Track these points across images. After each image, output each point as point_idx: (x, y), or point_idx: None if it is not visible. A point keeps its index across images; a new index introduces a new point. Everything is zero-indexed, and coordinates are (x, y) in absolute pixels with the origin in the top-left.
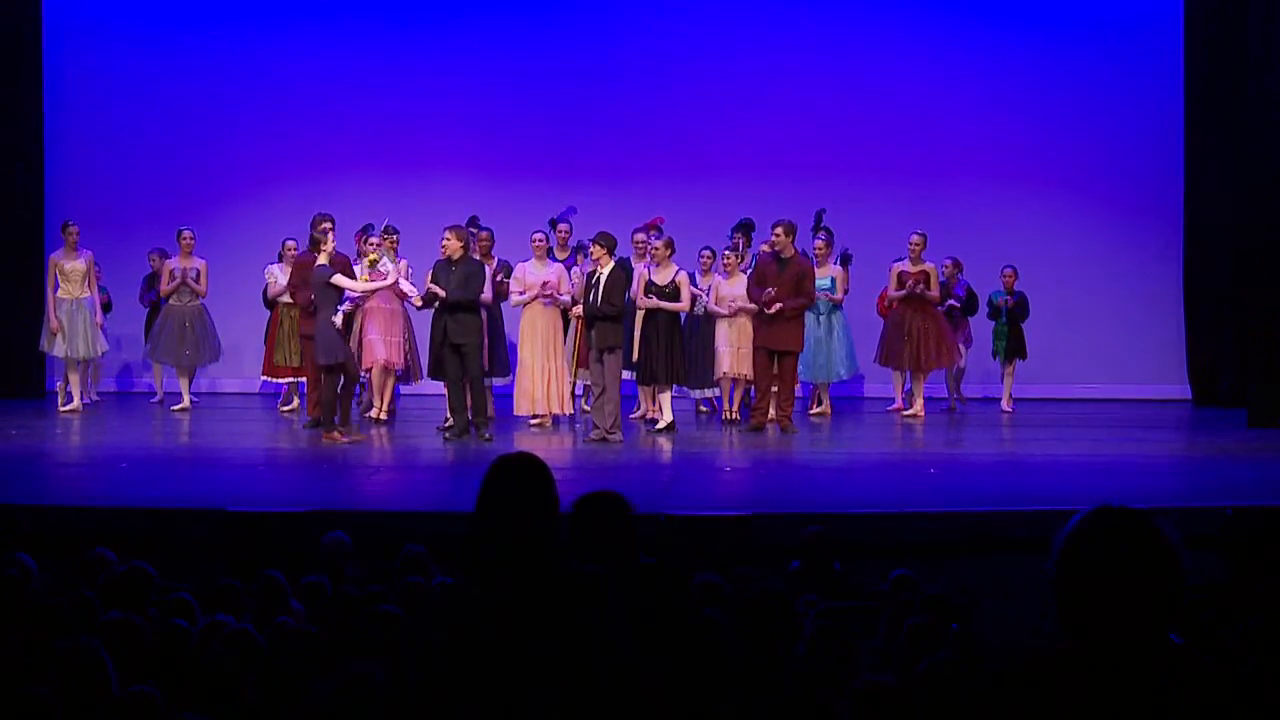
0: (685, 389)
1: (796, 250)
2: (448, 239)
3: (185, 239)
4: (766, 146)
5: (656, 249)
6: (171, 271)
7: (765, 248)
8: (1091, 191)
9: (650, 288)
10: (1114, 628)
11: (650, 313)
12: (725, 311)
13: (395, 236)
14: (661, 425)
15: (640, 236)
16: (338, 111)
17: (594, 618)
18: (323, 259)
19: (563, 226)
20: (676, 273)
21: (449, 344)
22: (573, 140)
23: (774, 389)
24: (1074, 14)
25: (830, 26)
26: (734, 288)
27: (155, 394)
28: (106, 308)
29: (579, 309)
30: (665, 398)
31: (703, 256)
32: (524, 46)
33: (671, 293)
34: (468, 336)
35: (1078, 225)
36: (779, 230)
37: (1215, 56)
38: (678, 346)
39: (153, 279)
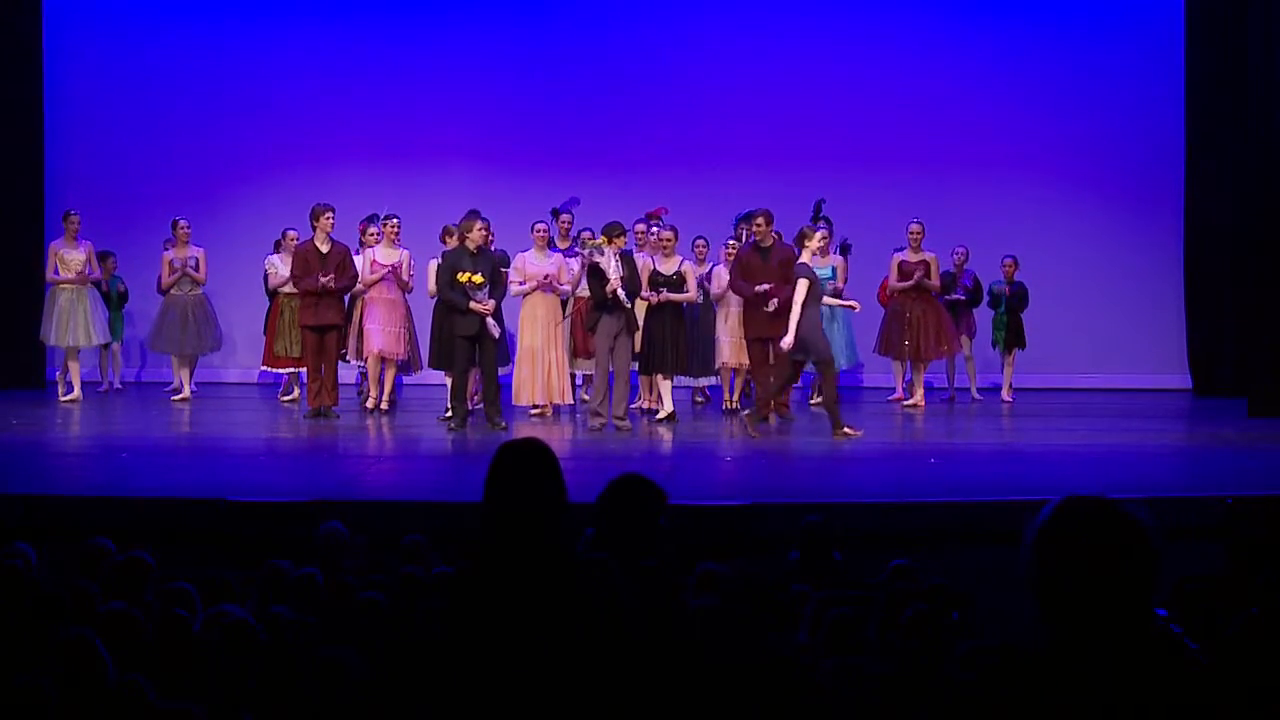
0: (681, 377)
1: (778, 236)
2: (478, 230)
3: (181, 229)
4: (766, 137)
5: (665, 239)
6: (170, 263)
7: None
8: (1092, 180)
9: (656, 278)
10: (1089, 614)
11: (656, 303)
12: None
13: (395, 221)
14: (662, 415)
15: (641, 227)
16: (337, 101)
17: (602, 606)
18: (805, 256)
19: (565, 216)
20: (681, 263)
21: (471, 334)
22: (573, 130)
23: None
24: (1074, 4)
25: (831, 17)
26: (695, 277)
27: (171, 384)
28: (124, 298)
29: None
30: (666, 388)
31: (696, 246)
32: (524, 37)
33: (677, 283)
34: (484, 327)
35: (1078, 215)
36: (759, 219)
37: (1216, 46)
38: (683, 337)
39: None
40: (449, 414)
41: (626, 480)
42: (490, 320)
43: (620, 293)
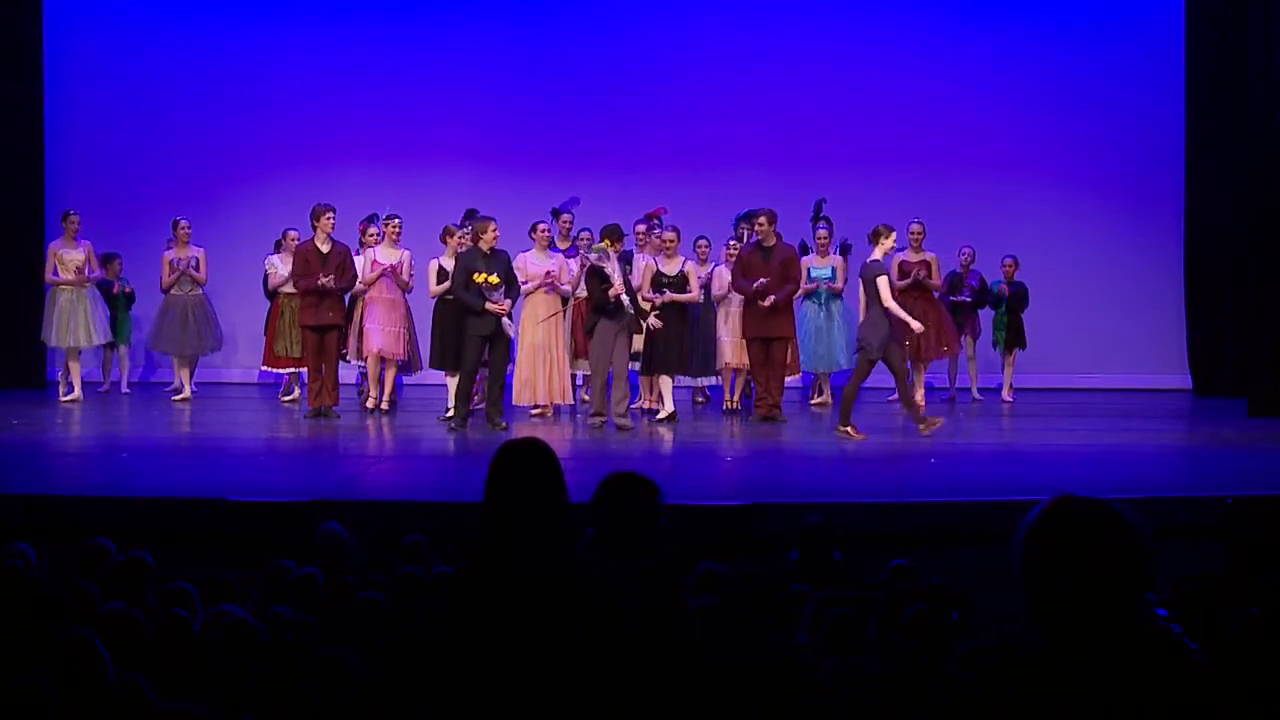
0: (681, 377)
1: (779, 237)
2: (486, 231)
3: (182, 229)
4: (767, 137)
5: (668, 240)
6: (171, 263)
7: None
8: (1092, 181)
9: (659, 279)
10: (1077, 612)
11: (660, 304)
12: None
13: (397, 221)
14: (663, 415)
15: (642, 228)
16: (337, 101)
17: (602, 606)
18: (878, 253)
19: (565, 216)
20: (684, 263)
21: (486, 334)
22: (574, 131)
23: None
24: (1075, 5)
25: (832, 17)
26: (698, 277)
27: (171, 384)
28: (131, 299)
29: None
30: (667, 387)
31: (698, 246)
32: (525, 37)
33: (680, 283)
34: (500, 327)
35: (1079, 215)
36: (762, 219)
37: (1216, 47)
38: (686, 338)
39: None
40: (449, 413)
41: (618, 478)
42: (505, 320)
43: (624, 297)
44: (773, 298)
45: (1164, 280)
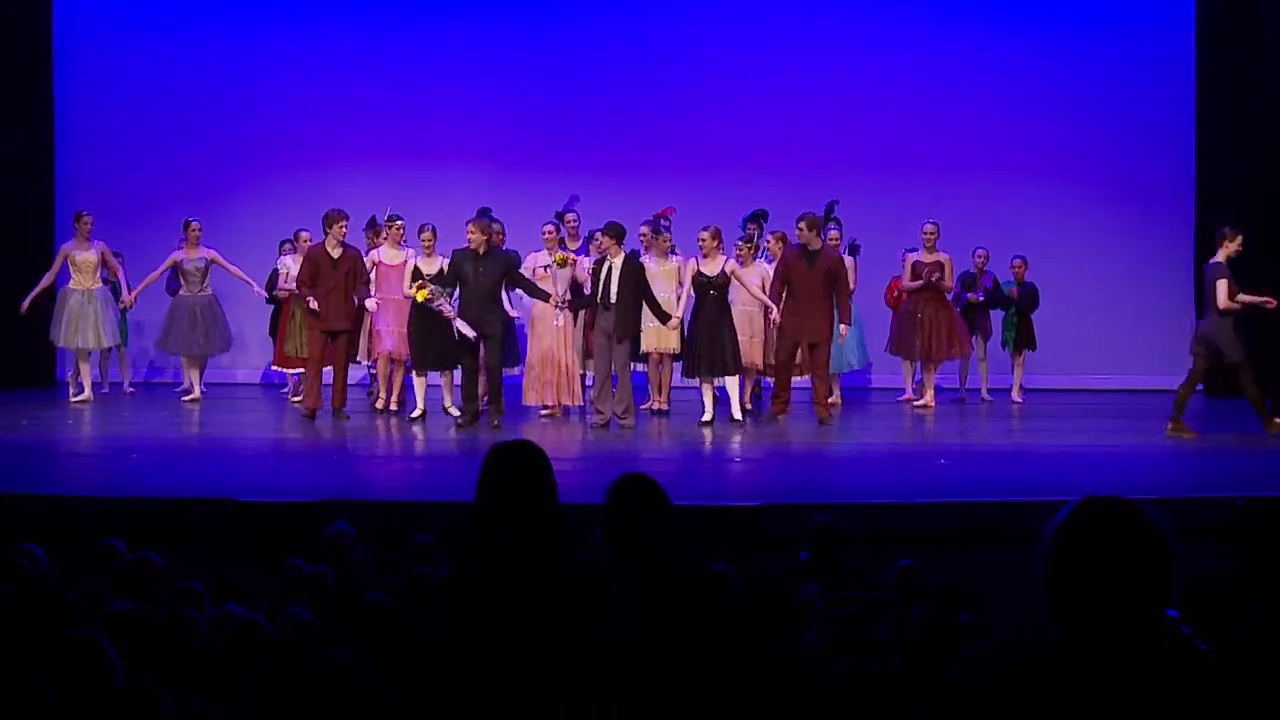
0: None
1: (822, 242)
2: (472, 232)
3: (193, 230)
4: (775, 138)
5: (704, 240)
6: (180, 263)
7: (773, 239)
8: (1102, 180)
9: (701, 279)
10: (1105, 614)
11: (698, 305)
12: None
13: (400, 224)
14: (706, 418)
15: (647, 229)
16: (344, 103)
17: (595, 607)
18: (1221, 256)
19: (570, 216)
20: (725, 263)
21: (463, 336)
22: (580, 131)
23: (805, 379)
24: (1085, 5)
25: (840, 17)
26: (749, 277)
27: (181, 384)
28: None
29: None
30: (708, 392)
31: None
32: (530, 37)
33: (722, 283)
34: (496, 327)
35: (1088, 215)
36: (803, 225)
37: (1226, 48)
38: (727, 338)
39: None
40: (457, 412)
41: (627, 480)
42: (459, 323)
43: (558, 315)
44: (845, 326)
45: (1173, 281)
